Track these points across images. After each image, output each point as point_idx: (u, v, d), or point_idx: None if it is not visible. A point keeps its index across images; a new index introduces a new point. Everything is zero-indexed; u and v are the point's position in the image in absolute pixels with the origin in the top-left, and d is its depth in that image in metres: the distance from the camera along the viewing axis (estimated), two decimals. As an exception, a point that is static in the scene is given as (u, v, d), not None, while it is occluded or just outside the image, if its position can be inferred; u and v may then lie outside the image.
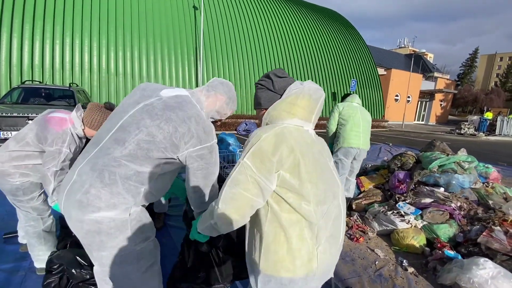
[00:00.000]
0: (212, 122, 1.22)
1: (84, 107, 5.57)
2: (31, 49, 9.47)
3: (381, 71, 21.43)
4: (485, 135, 14.96)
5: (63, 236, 2.12)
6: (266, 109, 0.98)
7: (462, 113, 44.24)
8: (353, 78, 17.10)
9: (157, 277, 1.18)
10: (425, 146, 3.55)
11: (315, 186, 0.86)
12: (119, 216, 0.99)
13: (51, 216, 1.94)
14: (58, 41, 9.90)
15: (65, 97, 6.09)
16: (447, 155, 3.06)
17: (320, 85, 13.80)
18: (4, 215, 2.74)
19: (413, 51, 44.84)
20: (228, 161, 2.98)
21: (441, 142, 3.43)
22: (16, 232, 2.27)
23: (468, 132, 15.44)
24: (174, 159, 1.05)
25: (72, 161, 1.65)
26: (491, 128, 16.10)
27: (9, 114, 4.40)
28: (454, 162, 2.84)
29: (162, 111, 1.01)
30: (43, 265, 1.85)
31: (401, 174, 3.19)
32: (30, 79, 8.89)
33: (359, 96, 17.53)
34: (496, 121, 15.98)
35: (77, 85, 7.76)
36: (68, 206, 1.00)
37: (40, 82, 7.41)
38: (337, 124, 3.09)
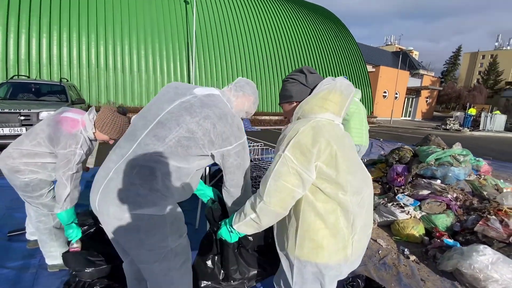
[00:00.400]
0: None
1: (75, 103, 5.44)
2: (16, 43, 9.10)
3: (369, 68, 21.81)
4: (470, 131, 15.55)
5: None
6: (297, 102, 1.01)
7: (446, 110, 45.71)
8: (344, 75, 17.33)
9: (190, 273, 1.20)
10: (421, 141, 3.68)
11: (352, 177, 0.91)
12: (158, 213, 1.00)
13: None
14: (45, 35, 9.55)
15: (56, 93, 5.90)
16: (443, 148, 3.19)
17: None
18: (5, 212, 2.68)
19: (400, 48, 45.82)
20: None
21: (436, 137, 3.56)
22: (21, 229, 2.22)
23: (453, 128, 16.00)
24: (208, 155, 1.06)
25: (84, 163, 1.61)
26: (475, 124, 16.75)
27: (0, 110, 4.25)
28: (450, 156, 2.97)
29: (200, 108, 1.02)
30: (55, 262, 1.84)
31: (399, 168, 3.30)
32: (17, 74, 8.55)
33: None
34: (480, 117, 16.63)
35: (68, 80, 7.53)
36: (106, 204, 0.98)
37: (27, 77, 7.13)
38: None
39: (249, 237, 1.20)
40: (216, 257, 1.27)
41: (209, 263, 1.27)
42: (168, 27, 12.12)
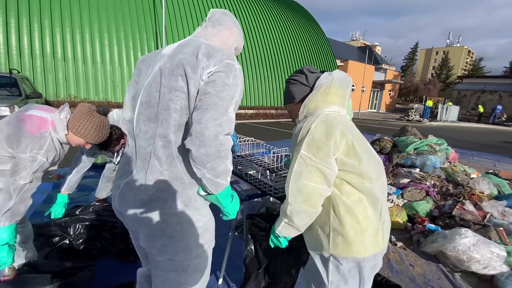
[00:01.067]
0: None
1: (30, 97, 4.75)
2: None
3: (338, 62, 22.58)
4: (429, 121, 16.93)
5: (40, 245, 1.88)
6: (300, 102, 1.03)
7: (405, 102, 49.31)
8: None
9: None
10: (398, 131, 3.86)
11: (372, 163, 0.94)
12: (185, 209, 0.90)
13: (29, 226, 1.67)
14: (-13, 19, 8.34)
15: (6, 86, 5.18)
16: (420, 138, 3.37)
17: (284, 75, 13.85)
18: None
19: (364, 44, 48.09)
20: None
21: (412, 127, 3.76)
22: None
23: (414, 119, 17.29)
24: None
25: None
26: (432, 115, 18.25)
27: None
28: (427, 145, 3.14)
29: (170, 59, 0.88)
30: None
31: (380, 158, 3.43)
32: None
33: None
34: (437, 108, 18.15)
35: (19, 72, 6.67)
36: (127, 207, 0.93)
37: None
38: None
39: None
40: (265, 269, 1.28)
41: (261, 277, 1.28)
42: (134, 16, 11.28)
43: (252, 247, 1.27)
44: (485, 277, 1.99)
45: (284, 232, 0.98)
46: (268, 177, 1.73)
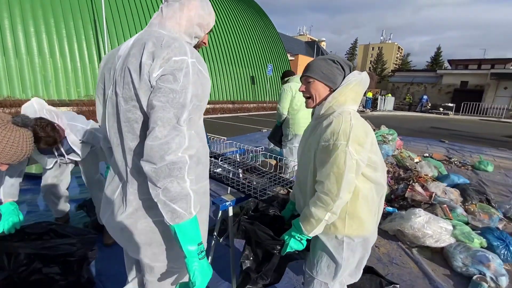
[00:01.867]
0: (196, 48, 0.94)
1: None
2: None
3: (289, 57, 23.35)
4: (371, 111, 18.74)
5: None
6: (331, 89, 1.05)
7: (349, 94, 53.70)
8: (269, 63, 18.03)
9: None
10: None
11: (380, 155, 1.06)
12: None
13: None
14: None
15: None
16: (374, 130, 3.69)
17: (239, 70, 13.80)
18: None
19: (311, 38, 50.58)
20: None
21: (366, 119, 4.09)
22: None
23: (359, 109, 18.94)
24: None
25: None
26: (373, 105, 20.23)
27: None
28: (381, 135, 3.46)
29: (121, 62, 0.79)
30: None
31: (341, 149, 3.67)
32: None
33: (274, 82, 18.96)
34: (377, 99, 20.18)
35: None
36: (114, 219, 0.88)
37: None
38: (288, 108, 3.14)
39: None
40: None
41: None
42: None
43: (252, 253, 1.23)
44: (437, 249, 2.30)
45: (317, 231, 1.00)
46: (253, 178, 1.69)
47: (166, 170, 0.69)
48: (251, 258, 1.23)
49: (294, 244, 1.06)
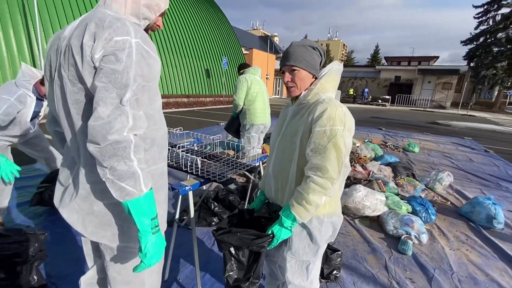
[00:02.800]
0: (146, 31, 0.92)
1: None
2: None
3: (243, 51, 23.42)
4: (320, 104, 19.99)
5: None
6: (313, 75, 1.08)
7: (302, 88, 56.32)
8: (224, 56, 17.85)
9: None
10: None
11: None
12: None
13: None
14: None
15: None
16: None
17: (193, 62, 13.35)
18: None
19: (264, 33, 51.25)
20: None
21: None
22: None
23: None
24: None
25: None
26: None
27: None
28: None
29: (65, 44, 0.77)
30: None
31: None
32: None
33: (230, 75, 18.86)
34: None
35: None
36: (69, 204, 0.86)
37: None
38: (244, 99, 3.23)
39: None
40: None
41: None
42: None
43: (235, 263, 1.10)
44: (374, 218, 2.68)
45: (309, 216, 1.01)
46: (211, 163, 1.75)
47: (110, 150, 0.69)
48: (235, 268, 1.10)
49: (285, 234, 1.04)
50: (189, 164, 1.68)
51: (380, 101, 23.02)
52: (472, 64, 23.16)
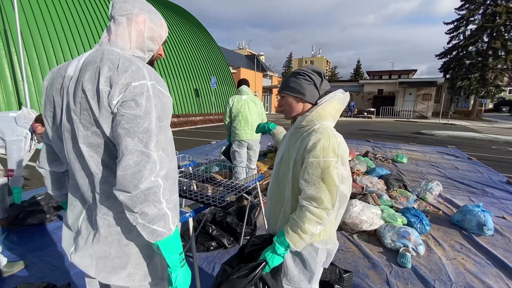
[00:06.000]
0: (150, 63, 0.93)
1: None
2: None
3: (231, 70, 23.94)
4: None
5: None
6: (304, 101, 1.08)
7: (289, 103, 57.50)
8: (213, 76, 18.14)
9: None
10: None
11: (348, 171, 1.08)
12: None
13: None
14: None
15: None
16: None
17: (182, 82, 13.53)
18: None
19: (250, 52, 52.75)
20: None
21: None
22: None
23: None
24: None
25: None
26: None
27: None
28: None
29: (75, 86, 0.76)
30: None
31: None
32: None
33: (218, 94, 19.11)
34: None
35: None
36: (82, 248, 0.84)
37: None
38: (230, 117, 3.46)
39: None
40: None
41: None
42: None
43: None
44: (371, 232, 2.70)
45: (303, 245, 1.00)
46: (208, 187, 1.75)
47: (141, 197, 0.69)
48: None
49: (277, 261, 1.03)
50: (187, 189, 1.67)
51: (366, 113, 23.75)
52: (448, 76, 24.48)
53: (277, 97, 33.64)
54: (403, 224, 2.76)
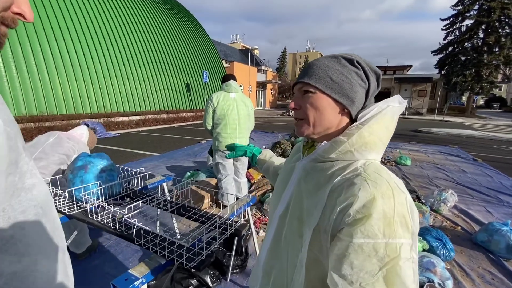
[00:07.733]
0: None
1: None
2: None
3: (224, 64, 23.25)
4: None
5: None
6: (347, 111, 0.61)
7: (283, 99, 57.06)
8: (205, 70, 17.45)
9: None
10: (292, 132, 4.07)
11: None
12: None
13: None
14: None
15: None
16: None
17: (173, 77, 12.95)
18: None
19: (244, 46, 51.88)
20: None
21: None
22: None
23: (287, 113, 20.07)
24: None
25: None
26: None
27: None
28: (320, 143, 3.41)
29: None
30: None
31: (283, 161, 3.49)
32: None
33: (211, 89, 18.45)
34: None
35: None
36: None
37: None
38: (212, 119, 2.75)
39: None
40: None
41: None
42: None
43: None
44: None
45: None
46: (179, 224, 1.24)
47: None
48: None
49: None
50: (144, 230, 1.15)
51: (361, 110, 23.50)
52: (443, 72, 24.33)
53: (271, 92, 33.18)
54: (424, 249, 2.31)
